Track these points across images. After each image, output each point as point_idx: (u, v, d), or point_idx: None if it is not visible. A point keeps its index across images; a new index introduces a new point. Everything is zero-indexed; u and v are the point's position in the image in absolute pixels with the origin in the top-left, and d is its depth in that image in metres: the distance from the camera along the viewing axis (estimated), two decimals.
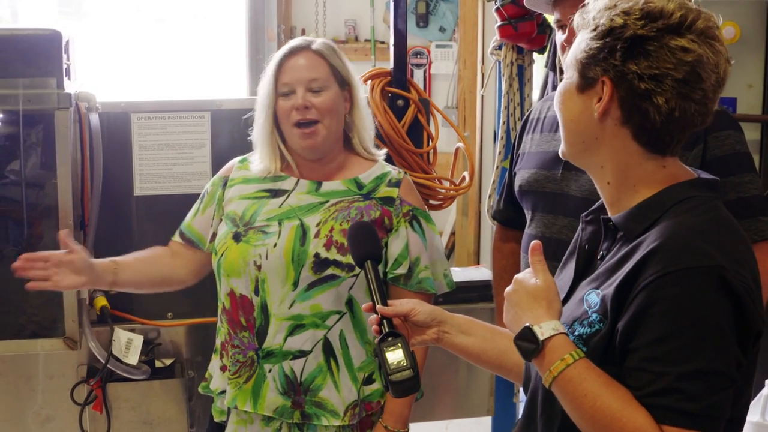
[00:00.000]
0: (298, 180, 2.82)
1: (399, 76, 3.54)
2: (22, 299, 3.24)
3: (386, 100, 3.50)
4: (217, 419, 2.94)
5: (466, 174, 3.61)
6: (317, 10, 6.78)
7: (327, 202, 2.77)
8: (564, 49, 2.80)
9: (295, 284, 2.69)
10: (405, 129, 3.48)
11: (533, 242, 1.91)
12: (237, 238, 2.76)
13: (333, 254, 2.68)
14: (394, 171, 2.86)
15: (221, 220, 2.86)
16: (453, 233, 7.13)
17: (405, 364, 2.08)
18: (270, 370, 2.74)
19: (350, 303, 2.73)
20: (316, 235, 2.70)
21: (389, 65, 3.59)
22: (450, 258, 7.06)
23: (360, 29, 6.93)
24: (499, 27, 3.75)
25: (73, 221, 3.12)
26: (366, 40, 6.87)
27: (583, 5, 1.88)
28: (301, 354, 2.72)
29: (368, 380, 2.79)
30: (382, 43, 6.83)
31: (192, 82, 6.60)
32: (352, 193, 2.79)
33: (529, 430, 1.97)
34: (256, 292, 2.73)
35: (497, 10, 3.70)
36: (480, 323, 2.25)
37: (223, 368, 2.85)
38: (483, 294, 3.67)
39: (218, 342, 2.88)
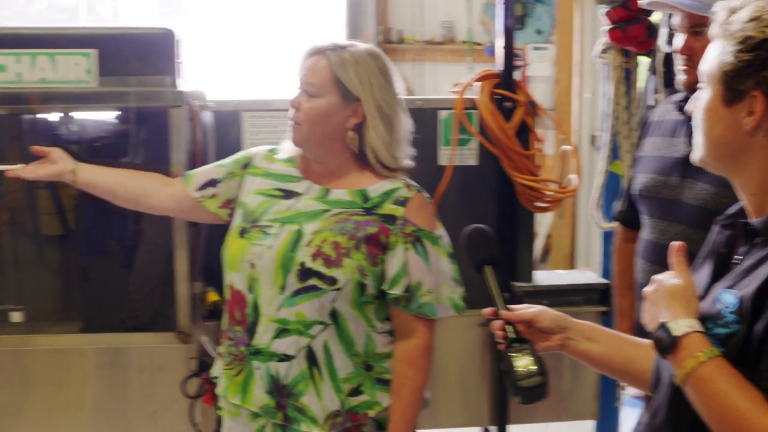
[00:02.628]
0: (311, 185, 2.83)
1: (507, 78, 3.54)
2: (135, 293, 3.30)
3: (494, 102, 3.49)
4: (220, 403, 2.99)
5: (572, 176, 3.59)
6: (414, 11, 6.80)
7: (329, 211, 2.77)
8: (686, 52, 2.79)
9: (283, 288, 2.70)
10: (513, 131, 3.48)
11: (677, 243, 1.91)
12: (242, 233, 2.80)
13: (318, 265, 2.67)
14: (404, 188, 2.77)
15: (230, 202, 2.92)
16: (549, 236, 7.10)
17: (534, 369, 2.08)
18: (258, 368, 2.77)
19: (334, 315, 2.70)
20: (308, 243, 2.69)
21: (485, 67, 3.59)
22: (545, 261, 7.04)
23: (456, 31, 6.92)
24: (609, 30, 3.73)
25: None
26: (463, 42, 6.87)
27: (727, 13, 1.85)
28: (286, 358, 2.72)
29: (355, 392, 2.76)
30: (479, 44, 6.86)
31: (289, 83, 6.66)
32: (355, 205, 2.75)
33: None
34: (250, 290, 2.75)
35: (607, 13, 3.69)
36: (605, 330, 2.24)
37: (221, 355, 2.92)
38: (589, 297, 3.67)
39: (221, 328, 2.94)
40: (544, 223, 7.05)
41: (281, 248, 2.70)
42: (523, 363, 2.10)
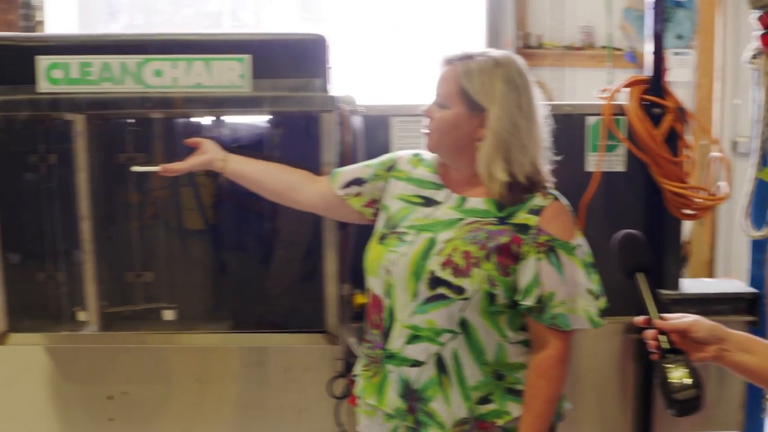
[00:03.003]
0: (449, 193, 2.83)
1: (656, 84, 3.50)
2: (285, 294, 3.36)
3: (643, 108, 3.46)
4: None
5: (721, 184, 3.54)
6: (553, 17, 6.76)
7: (463, 219, 2.76)
8: None
9: (415, 296, 2.72)
10: (662, 137, 3.44)
11: None
12: (381, 239, 2.84)
13: (446, 274, 2.67)
14: (539, 197, 2.73)
15: (375, 202, 2.95)
16: (688, 243, 6.99)
17: (689, 382, 2.05)
18: (391, 372, 2.80)
19: (464, 324, 2.70)
20: (439, 252, 2.69)
21: (625, 73, 3.56)
22: (684, 267, 6.93)
23: (596, 36, 6.86)
24: (760, 35, 3.65)
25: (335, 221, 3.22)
26: (602, 47, 6.80)
27: None
28: (417, 363, 2.75)
29: (484, 400, 2.75)
30: (618, 50, 6.79)
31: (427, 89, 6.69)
32: (490, 214, 2.73)
33: None
34: (387, 295, 2.79)
35: (759, 18, 3.61)
36: (760, 341, 2.19)
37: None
38: (736, 307, 3.60)
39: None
40: (683, 230, 6.92)
41: (414, 256, 2.72)
42: (677, 375, 2.07)
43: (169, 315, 3.39)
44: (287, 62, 3.15)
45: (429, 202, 2.84)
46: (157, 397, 3.66)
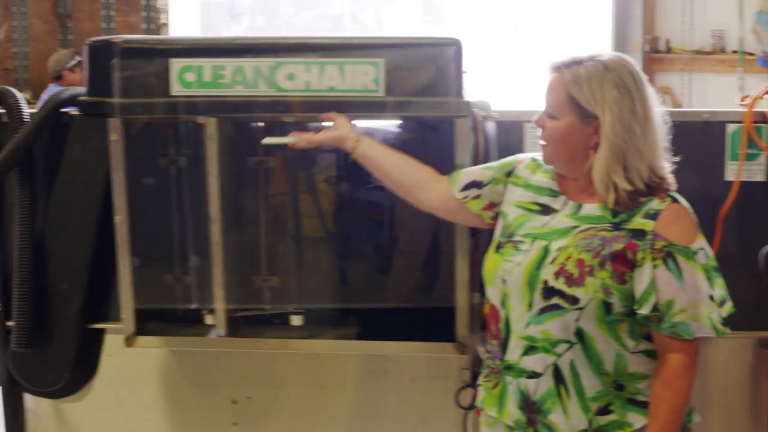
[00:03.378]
0: (566, 201, 2.74)
1: None
2: (414, 302, 3.31)
3: None
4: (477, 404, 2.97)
5: None
6: (683, 20, 6.61)
7: (578, 227, 2.66)
8: None
9: (530, 306, 2.65)
10: None
11: None
12: (498, 248, 2.78)
13: (560, 284, 2.59)
14: (656, 201, 2.61)
15: (493, 205, 2.89)
16: None
17: None
18: (510, 383, 2.75)
19: (580, 334, 2.62)
20: (552, 261, 2.62)
21: (757, 78, 3.43)
22: None
23: (727, 40, 6.69)
24: None
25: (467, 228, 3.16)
26: (733, 52, 6.63)
27: None
28: (534, 375, 2.69)
29: (604, 411, 2.67)
30: (750, 54, 6.60)
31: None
32: (604, 220, 2.64)
33: None
34: (503, 305, 2.73)
35: None
36: None
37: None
38: None
39: None
40: None
41: (528, 265, 2.66)
42: None
43: (297, 320, 3.37)
44: (421, 66, 3.10)
45: (546, 209, 2.77)
46: (281, 402, 3.64)
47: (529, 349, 2.68)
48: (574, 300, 2.59)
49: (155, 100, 3.16)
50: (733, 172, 3.40)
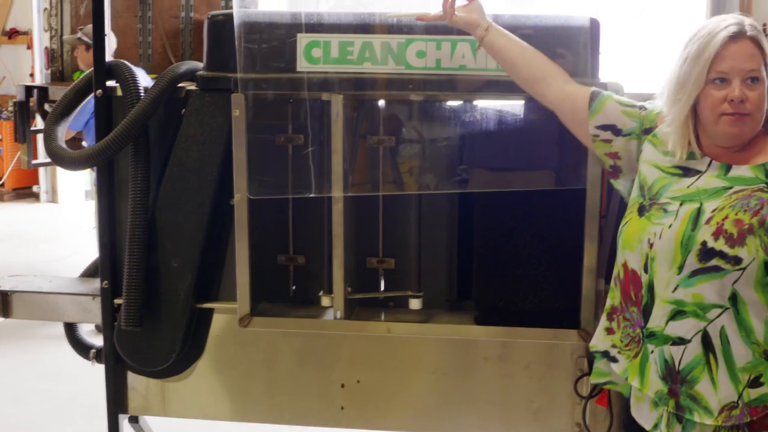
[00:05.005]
0: (710, 161, 2.67)
1: None
2: (538, 287, 3.23)
3: None
4: (593, 380, 2.93)
5: None
6: None
7: (731, 188, 2.60)
8: None
9: (680, 269, 2.57)
10: None
11: None
12: (641, 211, 2.70)
13: (720, 245, 2.52)
14: None
15: (618, 157, 2.83)
16: None
17: None
18: (652, 352, 2.66)
19: (734, 298, 2.54)
20: (708, 221, 2.55)
21: None
22: None
23: None
24: None
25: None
26: None
27: None
28: (681, 341, 2.60)
29: (754, 383, 2.58)
30: None
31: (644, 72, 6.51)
32: (759, 181, 2.59)
33: None
34: (645, 270, 2.65)
35: None
36: None
37: (609, 330, 2.83)
38: None
39: (608, 303, 2.84)
40: None
41: (681, 227, 2.58)
42: None
43: (415, 304, 3.31)
44: (557, 46, 3.03)
45: (688, 171, 2.69)
46: (390, 387, 3.57)
47: (677, 314, 2.60)
48: (736, 260, 2.52)
49: (281, 76, 3.10)
50: None
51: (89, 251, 5.24)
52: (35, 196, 12.79)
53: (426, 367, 3.53)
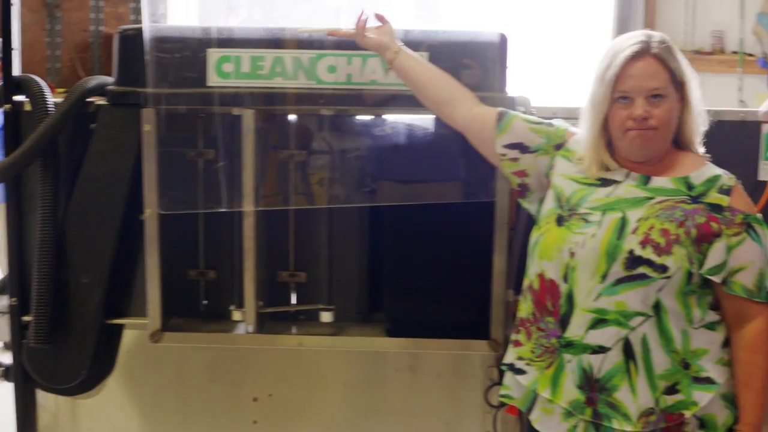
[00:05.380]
0: (628, 172, 2.72)
1: None
2: (448, 299, 3.26)
3: None
4: (501, 391, 2.91)
5: None
6: (686, 20, 6.60)
7: (653, 198, 2.66)
8: None
9: (604, 277, 2.60)
10: None
11: None
12: (560, 221, 2.72)
13: (648, 253, 2.57)
14: (725, 176, 2.69)
15: (526, 174, 2.85)
16: None
17: None
18: (569, 361, 2.69)
19: (657, 307, 2.60)
20: (634, 231, 2.60)
21: (756, 79, 3.41)
22: None
23: (727, 41, 6.69)
24: None
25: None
26: (733, 52, 6.63)
27: None
28: (601, 350, 2.64)
29: (671, 390, 2.65)
30: (750, 55, 6.61)
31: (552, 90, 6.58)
32: (680, 193, 2.66)
33: None
34: (565, 279, 2.67)
35: None
36: None
37: (516, 342, 2.84)
38: None
39: (517, 315, 2.86)
40: None
41: (606, 236, 2.62)
42: None
43: (327, 317, 3.32)
44: (466, 60, 3.07)
45: (606, 182, 2.73)
46: (303, 400, 3.59)
47: (598, 323, 2.63)
48: (663, 269, 2.57)
49: (191, 90, 3.09)
50: (767, 172, 3.38)
51: None
52: None
53: (338, 379, 3.55)
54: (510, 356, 2.86)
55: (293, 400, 3.58)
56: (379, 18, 3.01)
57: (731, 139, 3.23)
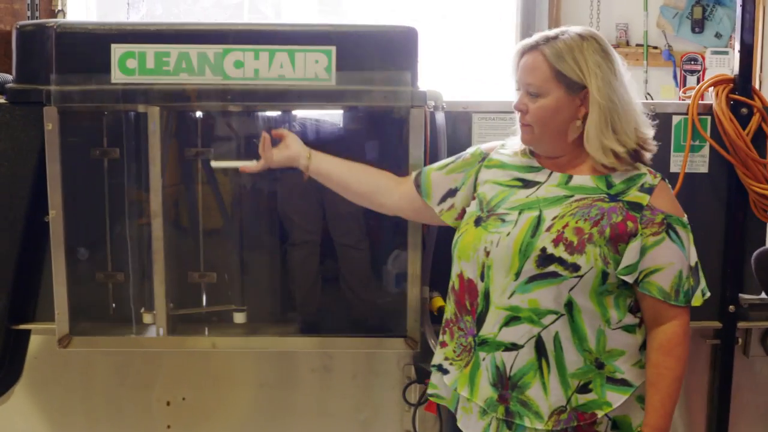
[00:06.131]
0: (551, 173, 2.72)
1: (744, 84, 3.38)
2: (362, 296, 3.23)
3: (729, 108, 3.35)
4: (429, 390, 2.90)
5: None
6: (591, 13, 6.65)
7: (572, 196, 2.65)
8: None
9: (517, 275, 2.60)
10: (749, 138, 3.33)
11: None
12: (478, 222, 2.72)
13: (560, 251, 2.56)
14: (649, 175, 2.68)
15: (471, 198, 2.83)
16: None
17: None
18: (484, 359, 2.68)
19: (569, 305, 2.59)
20: (548, 229, 2.60)
21: (659, 71, 3.45)
22: None
23: (631, 33, 6.75)
24: None
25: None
26: (638, 45, 6.69)
27: None
28: (513, 347, 2.63)
29: (583, 389, 2.65)
30: (655, 48, 6.69)
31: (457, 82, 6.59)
32: (599, 191, 2.65)
33: None
34: (482, 278, 2.66)
35: None
36: None
37: (442, 344, 2.83)
38: None
39: (444, 317, 2.84)
40: None
41: (520, 234, 2.60)
42: None
43: (240, 318, 3.26)
44: (374, 55, 3.03)
45: (528, 183, 2.73)
46: (217, 402, 3.53)
47: (511, 320, 2.62)
48: (575, 267, 2.55)
49: (94, 88, 3.01)
50: (678, 163, 3.40)
51: None
52: None
53: (252, 380, 3.51)
54: (438, 357, 2.84)
55: (207, 402, 3.52)
56: (278, 135, 2.98)
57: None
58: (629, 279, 2.60)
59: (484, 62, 6.75)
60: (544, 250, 2.57)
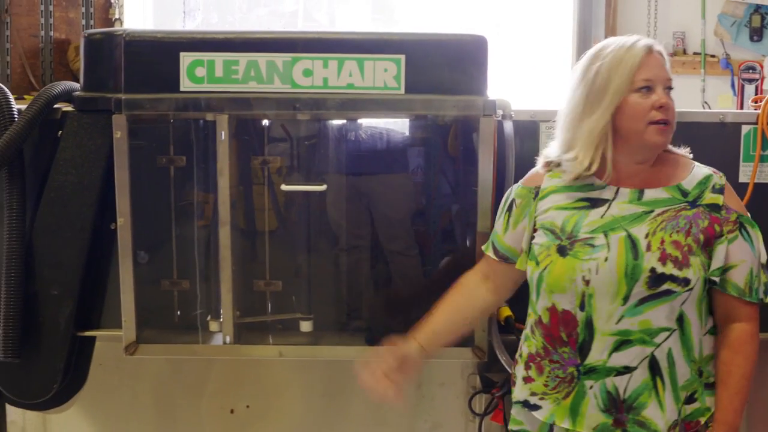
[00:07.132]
0: (618, 189, 2.66)
1: None
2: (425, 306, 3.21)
3: None
4: (510, 427, 2.85)
5: None
6: (648, 21, 6.60)
7: (652, 212, 2.61)
8: None
9: (626, 299, 2.55)
10: None
11: None
12: (562, 251, 2.63)
13: (669, 269, 2.52)
14: (715, 175, 2.67)
15: (534, 231, 2.74)
16: None
17: None
18: (591, 387, 2.62)
19: (681, 319, 2.57)
20: (648, 248, 2.55)
21: (718, 80, 3.40)
22: None
23: (689, 41, 6.70)
24: None
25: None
26: (695, 53, 6.64)
27: None
28: (626, 370, 2.59)
29: (690, 399, 2.63)
30: (713, 56, 6.63)
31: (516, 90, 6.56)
32: (677, 201, 2.62)
33: None
34: (581, 308, 2.60)
35: None
36: None
37: (527, 379, 2.75)
38: None
39: (525, 351, 2.77)
40: None
41: (620, 258, 2.55)
42: None
43: (306, 326, 3.25)
44: (444, 63, 3.01)
45: (596, 202, 2.67)
46: (281, 411, 3.53)
47: (621, 344, 2.58)
48: (686, 282, 2.53)
49: (164, 96, 3.01)
50: (747, 173, 3.36)
51: None
52: None
53: (317, 389, 3.49)
54: (522, 393, 2.77)
55: (270, 411, 3.52)
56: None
57: (711, 141, 3.23)
58: (717, 279, 2.59)
59: (540, 71, 6.72)
60: (653, 270, 2.53)
